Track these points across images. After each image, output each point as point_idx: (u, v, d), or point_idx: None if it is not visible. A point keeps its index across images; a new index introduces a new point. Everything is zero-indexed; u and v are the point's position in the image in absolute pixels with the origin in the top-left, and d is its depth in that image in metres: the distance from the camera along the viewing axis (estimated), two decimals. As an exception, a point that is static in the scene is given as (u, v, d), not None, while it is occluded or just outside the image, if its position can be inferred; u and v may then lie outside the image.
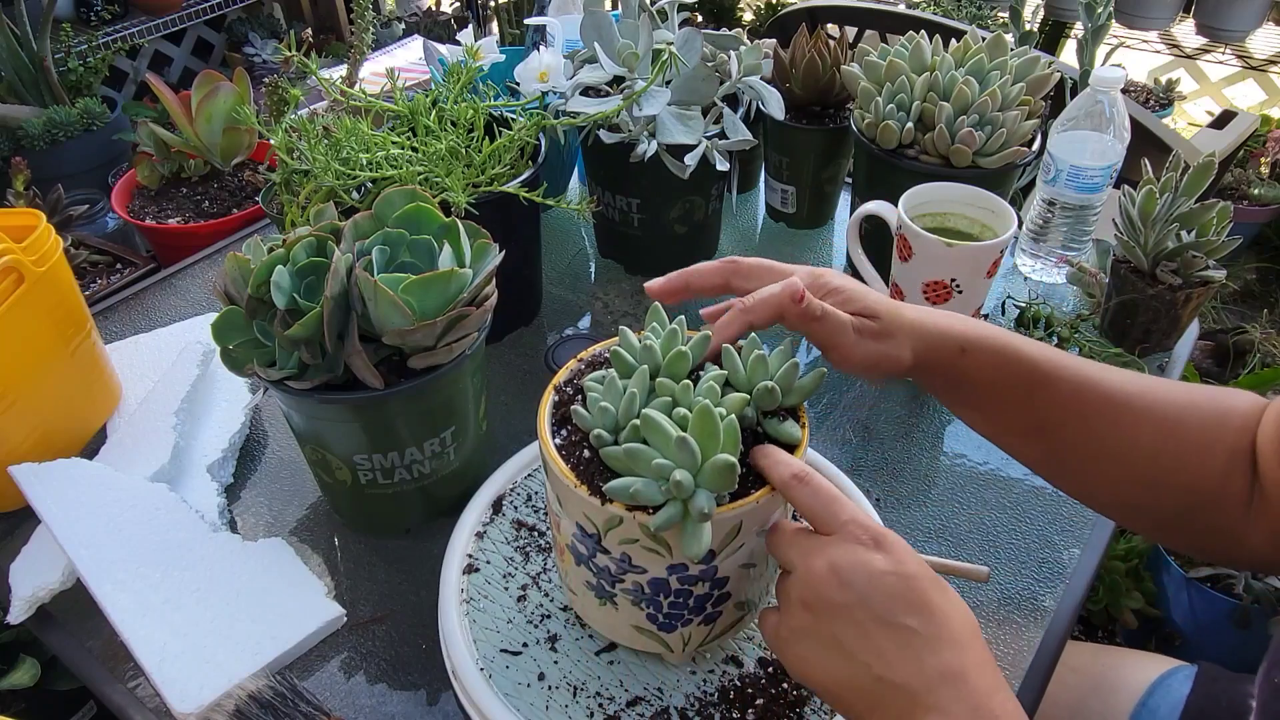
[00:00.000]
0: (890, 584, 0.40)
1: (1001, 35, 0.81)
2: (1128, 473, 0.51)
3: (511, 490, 0.65)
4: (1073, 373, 0.52)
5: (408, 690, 0.57)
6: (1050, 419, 0.52)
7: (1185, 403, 0.51)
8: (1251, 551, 0.50)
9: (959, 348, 0.52)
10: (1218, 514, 0.50)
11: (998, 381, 0.52)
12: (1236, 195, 2.00)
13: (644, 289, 0.53)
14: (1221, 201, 0.73)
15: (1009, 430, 0.54)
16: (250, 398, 0.76)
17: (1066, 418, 0.52)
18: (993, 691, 0.38)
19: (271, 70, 2.15)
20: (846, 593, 0.41)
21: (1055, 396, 0.51)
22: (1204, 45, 2.26)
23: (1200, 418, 0.50)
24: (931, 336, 0.52)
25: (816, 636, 0.42)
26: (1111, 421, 0.51)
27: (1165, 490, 0.51)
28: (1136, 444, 0.51)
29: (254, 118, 0.78)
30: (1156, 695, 0.68)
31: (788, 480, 0.43)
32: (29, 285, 0.64)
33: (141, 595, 0.58)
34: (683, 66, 0.73)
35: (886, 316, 0.51)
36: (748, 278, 0.52)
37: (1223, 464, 0.49)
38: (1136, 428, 0.51)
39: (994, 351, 0.51)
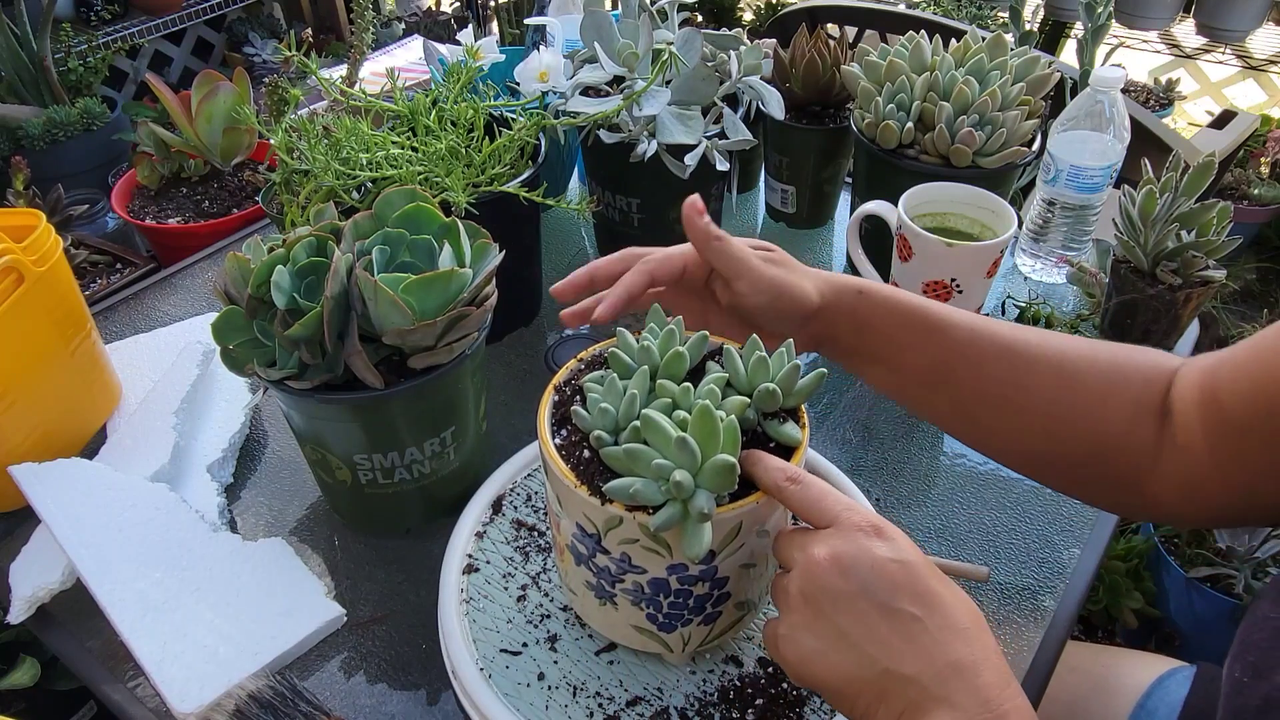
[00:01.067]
0: (893, 571, 0.40)
1: (1001, 35, 0.81)
2: (1026, 422, 0.52)
3: (511, 490, 0.65)
4: (967, 321, 0.53)
5: (408, 690, 0.57)
6: (946, 365, 0.53)
7: (1086, 355, 0.52)
8: (1157, 504, 0.51)
9: (857, 289, 0.54)
10: (1120, 466, 0.51)
11: (894, 327, 0.53)
12: (1236, 195, 2.00)
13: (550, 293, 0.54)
14: (1221, 201, 0.73)
15: (910, 380, 0.55)
16: (250, 398, 0.76)
17: (962, 365, 0.53)
18: (1003, 685, 0.38)
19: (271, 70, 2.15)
20: (848, 581, 0.40)
21: (950, 343, 0.53)
22: (1204, 45, 2.26)
23: (1101, 370, 0.51)
24: (832, 279, 0.55)
25: (818, 630, 0.41)
26: (1008, 368, 0.52)
27: (1065, 440, 0.52)
28: (1033, 392, 0.52)
29: (254, 118, 0.78)
30: (1155, 696, 0.68)
31: (779, 483, 0.43)
32: (29, 285, 0.64)
33: (141, 595, 0.58)
34: (683, 66, 0.73)
35: (782, 253, 0.54)
36: (643, 258, 0.54)
37: (1124, 416, 0.50)
38: (1033, 376, 0.51)
39: (889, 296, 0.54)
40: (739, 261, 0.52)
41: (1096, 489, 0.54)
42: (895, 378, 0.56)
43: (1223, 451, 0.47)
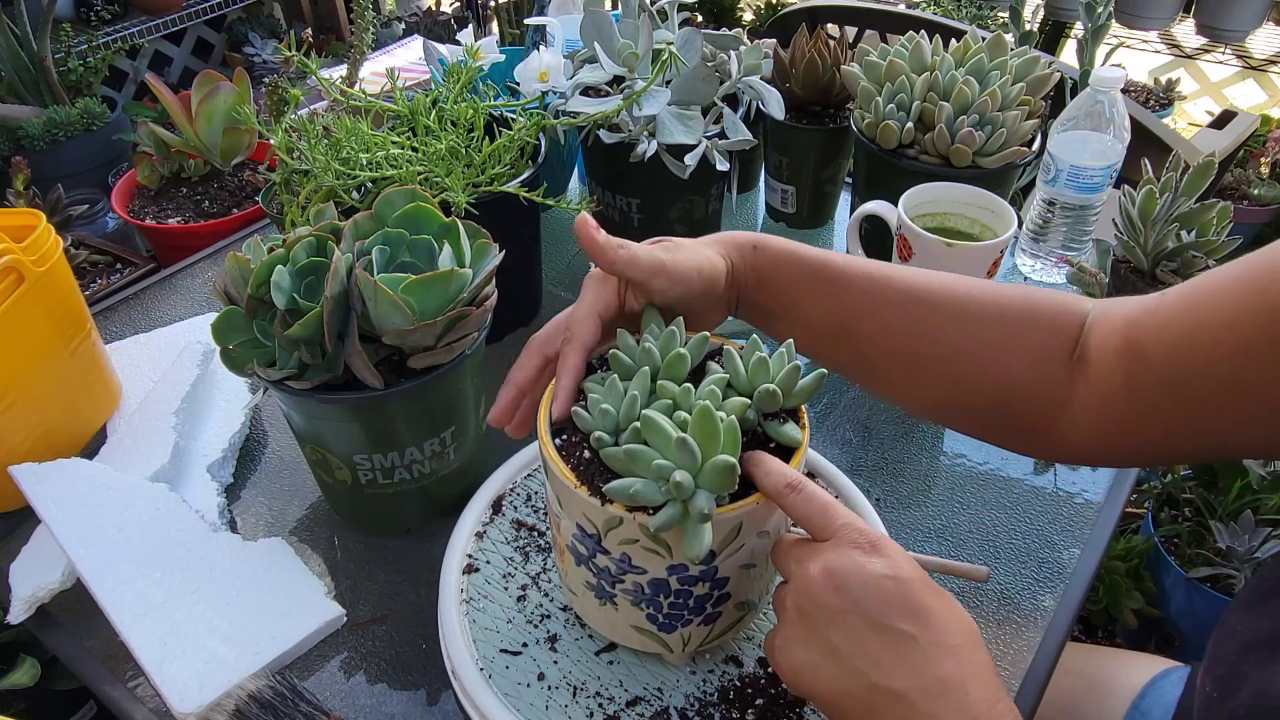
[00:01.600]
0: (886, 588, 0.40)
1: (1001, 35, 0.81)
2: (931, 371, 0.52)
3: (511, 490, 0.65)
4: (867, 270, 0.52)
5: (408, 690, 0.57)
6: (848, 316, 0.53)
7: (990, 301, 0.51)
8: (1070, 448, 0.51)
9: (752, 244, 0.53)
10: (1026, 413, 0.51)
11: (793, 279, 0.53)
12: (1236, 195, 2.00)
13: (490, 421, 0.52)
14: (1221, 201, 0.73)
15: (814, 333, 0.54)
16: (250, 398, 0.76)
17: (863, 316, 0.52)
18: (992, 702, 0.38)
19: (271, 70, 2.15)
20: (842, 597, 0.40)
21: (850, 294, 0.52)
22: (1204, 45, 2.26)
23: (1004, 316, 0.51)
24: (729, 239, 0.54)
25: (812, 643, 0.41)
26: (909, 317, 0.51)
27: (969, 389, 0.51)
28: (935, 341, 0.51)
29: (254, 118, 0.78)
30: (1149, 697, 0.68)
31: (780, 489, 0.43)
32: (29, 285, 0.64)
33: (141, 595, 0.58)
34: (683, 66, 0.73)
35: (673, 239, 0.53)
36: (552, 338, 0.51)
37: (1028, 362, 0.50)
38: (934, 325, 0.51)
39: (786, 247, 0.53)
40: (651, 263, 0.50)
41: (1004, 435, 0.54)
42: (798, 331, 0.54)
43: (1144, 403, 0.46)
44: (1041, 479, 0.71)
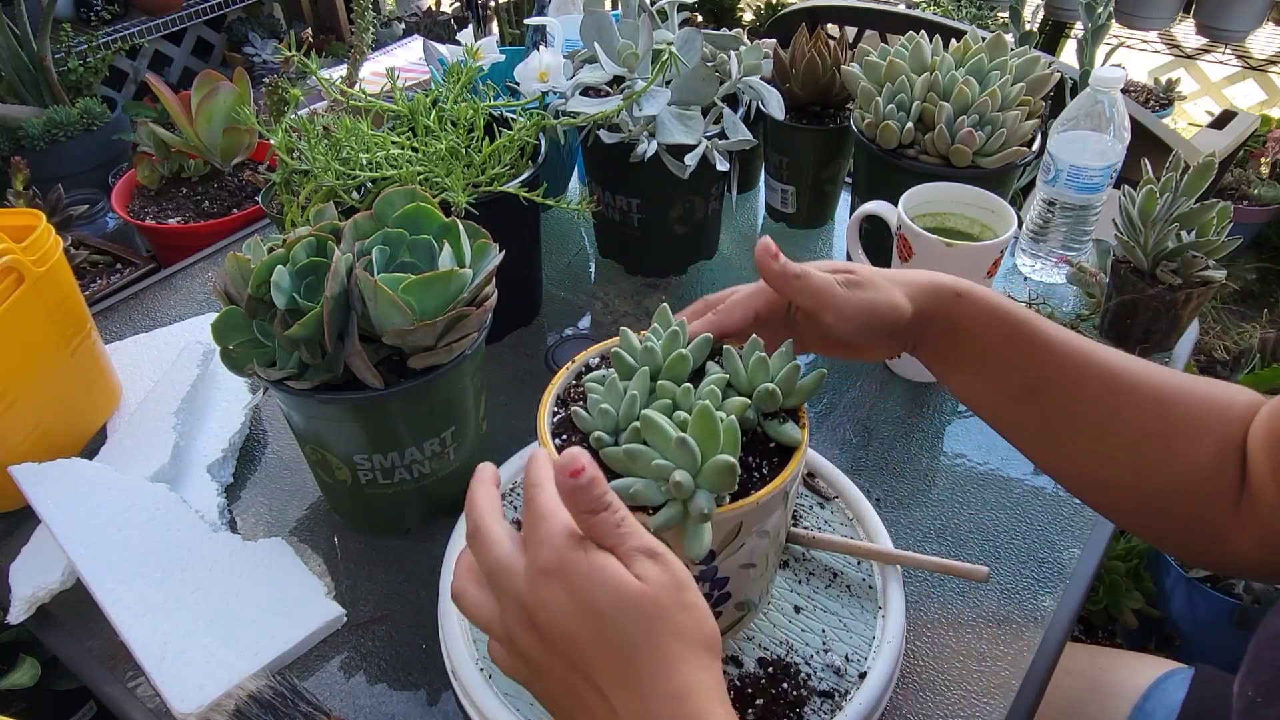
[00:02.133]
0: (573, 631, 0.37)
1: (1001, 35, 0.81)
2: (1115, 450, 0.50)
3: (512, 490, 0.65)
4: (1067, 337, 0.50)
5: (408, 690, 0.57)
6: (1042, 381, 0.51)
7: (1182, 387, 0.49)
8: (1235, 554, 0.49)
9: (955, 292, 0.51)
10: (1203, 507, 0.48)
11: (991, 335, 0.51)
12: (1236, 195, 2.00)
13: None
14: (1221, 201, 0.73)
15: (1002, 392, 0.52)
16: (250, 398, 0.76)
17: (1059, 381, 0.50)
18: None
19: (271, 70, 2.15)
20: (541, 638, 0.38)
21: (1049, 358, 0.50)
22: (1204, 45, 2.26)
23: (1195, 404, 0.49)
24: (924, 282, 0.51)
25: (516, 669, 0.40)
26: (1107, 391, 0.49)
27: (1150, 474, 0.49)
28: (1127, 419, 0.49)
29: (254, 118, 0.78)
30: (1153, 699, 0.68)
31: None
32: (29, 285, 0.64)
33: (141, 595, 0.58)
34: (683, 66, 0.73)
35: (864, 272, 0.51)
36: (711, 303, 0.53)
37: (1213, 455, 0.48)
38: (1131, 403, 0.49)
39: (989, 301, 0.51)
40: (822, 296, 0.49)
41: (1173, 530, 0.51)
42: (985, 388, 0.52)
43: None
44: (1041, 479, 0.71)
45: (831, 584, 0.60)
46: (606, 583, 0.36)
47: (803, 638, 0.56)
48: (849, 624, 0.57)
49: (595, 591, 0.36)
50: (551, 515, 0.38)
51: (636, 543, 0.37)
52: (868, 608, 0.58)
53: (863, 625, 0.57)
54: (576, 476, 0.37)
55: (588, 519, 0.37)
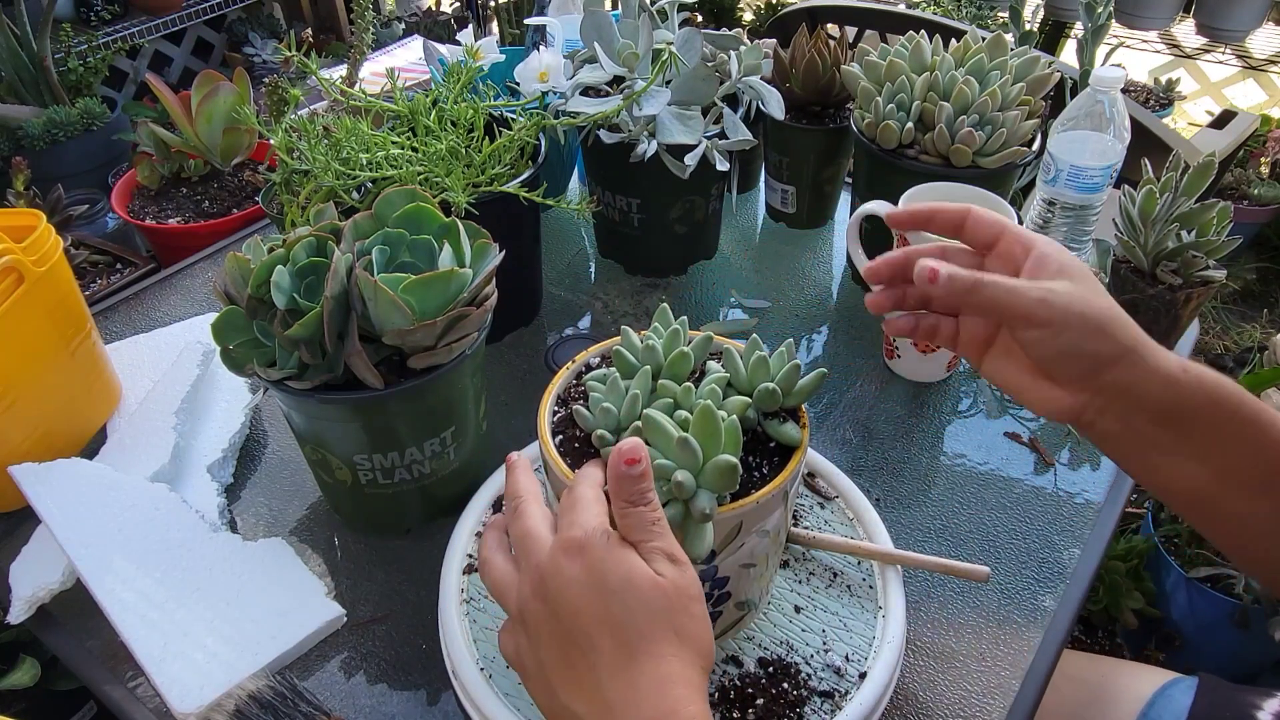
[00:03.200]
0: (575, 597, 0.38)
1: (1001, 35, 0.81)
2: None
3: (512, 490, 0.65)
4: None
5: (408, 690, 0.57)
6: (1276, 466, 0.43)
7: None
8: None
9: (1180, 364, 0.43)
10: None
11: (1220, 417, 0.43)
12: (1236, 195, 2.00)
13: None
14: (1221, 201, 0.73)
15: (1233, 482, 0.44)
16: (250, 398, 0.76)
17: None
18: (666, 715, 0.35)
19: (271, 70, 2.15)
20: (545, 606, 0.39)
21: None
22: (1204, 45, 2.26)
23: None
24: (1147, 343, 0.43)
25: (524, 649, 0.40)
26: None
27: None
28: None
29: (254, 118, 0.78)
30: (1158, 705, 0.68)
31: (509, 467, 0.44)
32: (29, 285, 0.64)
33: (141, 595, 0.58)
34: (683, 66, 0.73)
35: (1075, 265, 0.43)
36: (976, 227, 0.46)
37: None
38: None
39: (1213, 378, 0.43)
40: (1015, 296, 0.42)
41: None
42: (1213, 478, 0.44)
43: None
44: (1041, 479, 0.71)
45: (832, 584, 0.60)
46: (621, 566, 0.37)
47: (803, 638, 0.56)
48: (849, 624, 0.57)
49: (610, 571, 0.37)
50: (588, 504, 0.40)
51: (663, 544, 0.39)
52: (868, 608, 0.58)
53: (863, 625, 0.57)
54: (632, 465, 0.38)
55: (626, 509, 0.39)
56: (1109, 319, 0.43)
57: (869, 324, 0.87)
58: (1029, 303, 0.42)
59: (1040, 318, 0.42)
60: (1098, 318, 0.43)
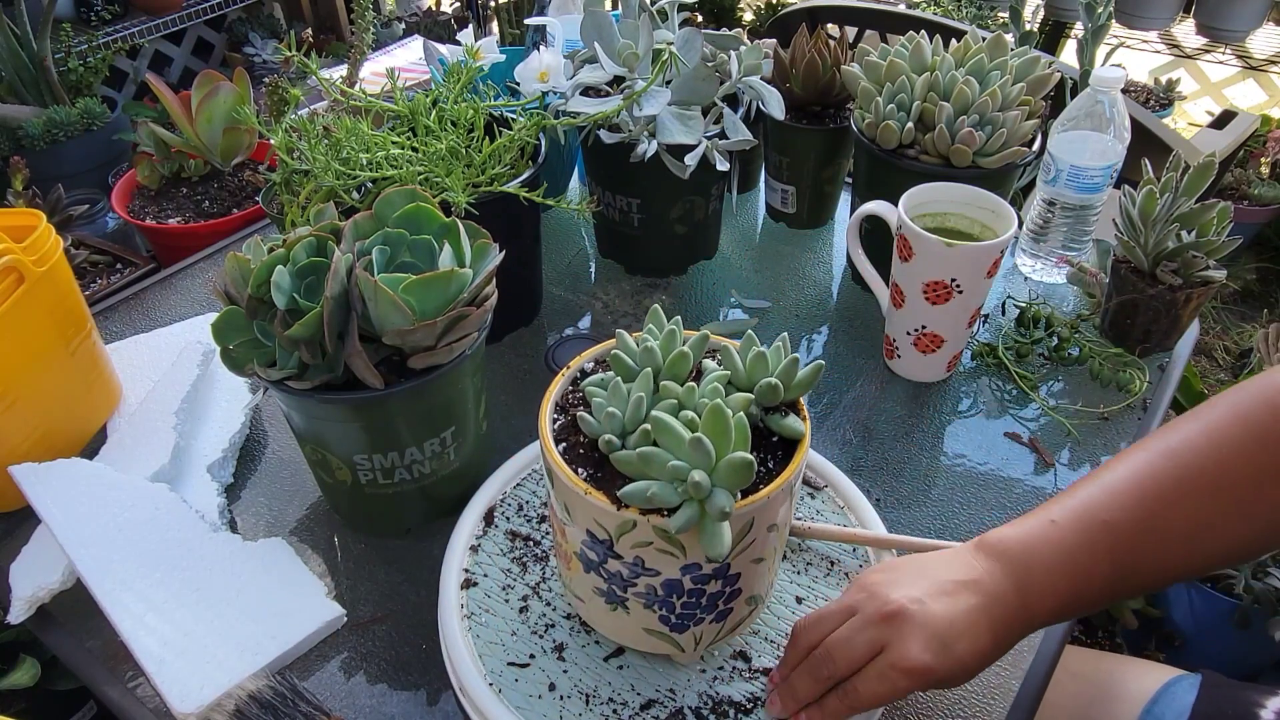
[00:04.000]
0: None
1: (1001, 35, 0.81)
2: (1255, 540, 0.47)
3: (502, 501, 0.64)
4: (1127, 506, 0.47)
5: (408, 690, 0.57)
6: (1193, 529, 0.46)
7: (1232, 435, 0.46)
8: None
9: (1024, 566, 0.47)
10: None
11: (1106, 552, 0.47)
12: (1236, 195, 2.00)
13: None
14: (1222, 201, 0.73)
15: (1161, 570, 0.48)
16: (250, 398, 0.76)
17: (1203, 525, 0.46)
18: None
19: (271, 70, 2.15)
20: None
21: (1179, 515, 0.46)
22: (1204, 45, 2.26)
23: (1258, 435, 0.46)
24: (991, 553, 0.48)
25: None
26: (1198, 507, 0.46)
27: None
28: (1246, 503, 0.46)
29: (254, 118, 0.78)
30: (1161, 703, 0.68)
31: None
32: (29, 285, 0.64)
33: (141, 595, 0.58)
34: (683, 66, 0.73)
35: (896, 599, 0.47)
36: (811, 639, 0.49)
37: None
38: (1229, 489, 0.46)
39: (1083, 531, 0.47)
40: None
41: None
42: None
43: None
44: (1041, 479, 0.71)
45: (830, 572, 0.60)
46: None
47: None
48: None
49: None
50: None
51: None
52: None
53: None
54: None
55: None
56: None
57: (869, 324, 0.87)
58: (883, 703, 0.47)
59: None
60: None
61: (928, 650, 0.44)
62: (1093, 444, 0.74)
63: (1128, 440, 0.74)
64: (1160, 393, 0.78)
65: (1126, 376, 0.78)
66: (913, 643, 0.45)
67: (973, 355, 0.83)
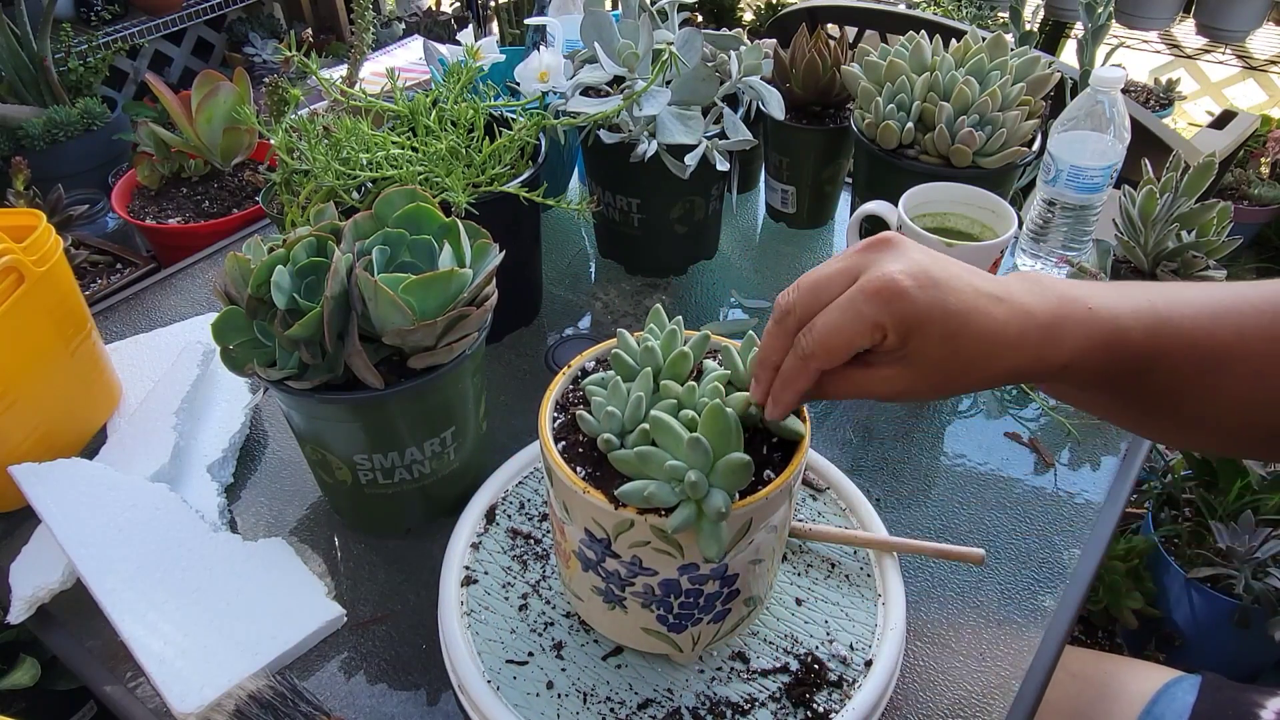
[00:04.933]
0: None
1: (1001, 35, 0.81)
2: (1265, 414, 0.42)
3: (504, 499, 0.64)
4: (1188, 338, 0.41)
5: (408, 690, 0.57)
6: (1170, 394, 0.43)
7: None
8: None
9: (1060, 366, 0.41)
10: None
11: (1104, 380, 0.43)
12: (1236, 195, 2.00)
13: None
14: (1222, 202, 0.73)
15: (1123, 416, 0.46)
16: (250, 398, 0.76)
17: (1188, 385, 0.42)
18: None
19: (271, 70, 2.15)
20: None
21: (1175, 367, 0.42)
22: (1204, 45, 2.26)
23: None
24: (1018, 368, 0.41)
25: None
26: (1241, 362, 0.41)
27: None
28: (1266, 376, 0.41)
29: (254, 118, 0.78)
30: (1161, 703, 0.68)
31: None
32: (29, 285, 0.64)
33: (141, 595, 0.58)
34: (683, 66, 0.73)
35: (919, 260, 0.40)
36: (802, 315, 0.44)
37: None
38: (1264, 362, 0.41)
39: (1102, 358, 0.41)
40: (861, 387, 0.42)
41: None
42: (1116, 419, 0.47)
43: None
44: (1041, 479, 0.71)
45: (830, 574, 0.60)
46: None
47: (806, 629, 0.56)
48: (850, 613, 0.57)
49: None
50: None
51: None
52: (868, 596, 0.58)
53: (864, 614, 0.57)
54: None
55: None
56: (956, 391, 0.41)
57: (869, 324, 0.87)
58: (869, 394, 0.42)
59: (885, 398, 0.42)
60: (941, 394, 0.41)
61: (906, 272, 0.38)
62: (1093, 444, 0.74)
63: (1128, 440, 0.74)
64: (1160, 393, 0.78)
65: (1126, 376, 0.78)
66: (890, 262, 0.38)
67: (973, 355, 0.82)
